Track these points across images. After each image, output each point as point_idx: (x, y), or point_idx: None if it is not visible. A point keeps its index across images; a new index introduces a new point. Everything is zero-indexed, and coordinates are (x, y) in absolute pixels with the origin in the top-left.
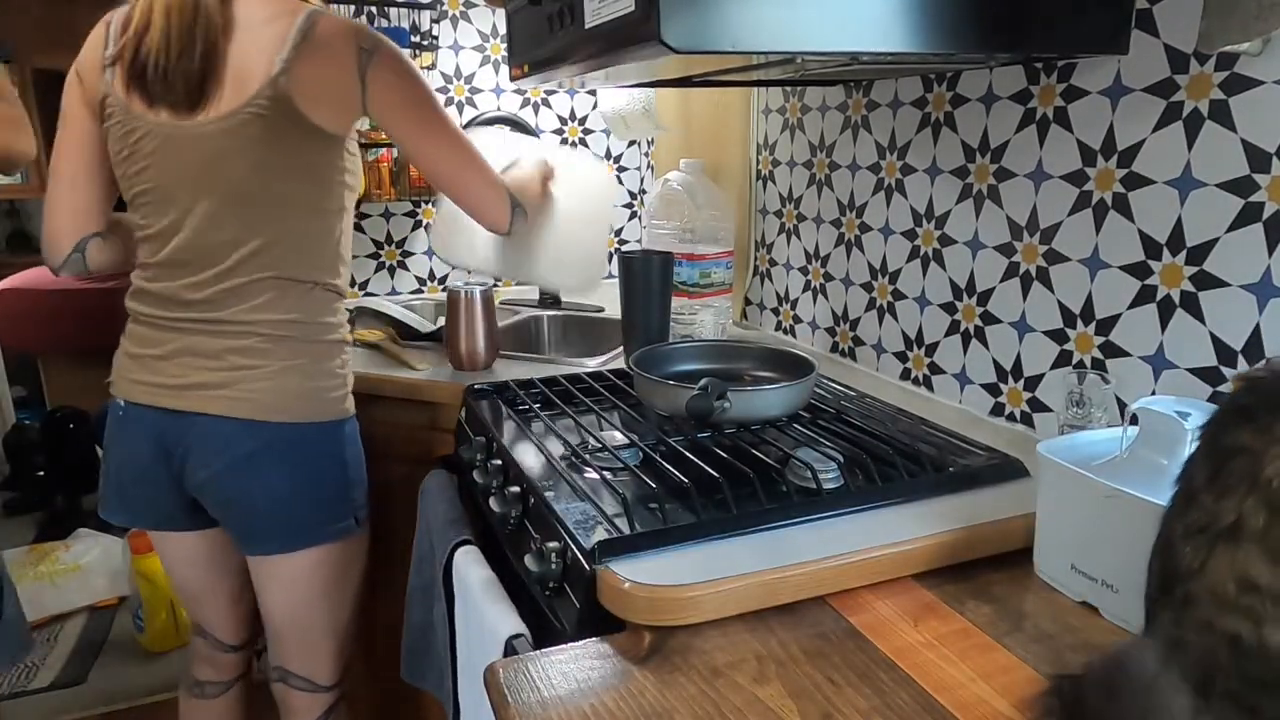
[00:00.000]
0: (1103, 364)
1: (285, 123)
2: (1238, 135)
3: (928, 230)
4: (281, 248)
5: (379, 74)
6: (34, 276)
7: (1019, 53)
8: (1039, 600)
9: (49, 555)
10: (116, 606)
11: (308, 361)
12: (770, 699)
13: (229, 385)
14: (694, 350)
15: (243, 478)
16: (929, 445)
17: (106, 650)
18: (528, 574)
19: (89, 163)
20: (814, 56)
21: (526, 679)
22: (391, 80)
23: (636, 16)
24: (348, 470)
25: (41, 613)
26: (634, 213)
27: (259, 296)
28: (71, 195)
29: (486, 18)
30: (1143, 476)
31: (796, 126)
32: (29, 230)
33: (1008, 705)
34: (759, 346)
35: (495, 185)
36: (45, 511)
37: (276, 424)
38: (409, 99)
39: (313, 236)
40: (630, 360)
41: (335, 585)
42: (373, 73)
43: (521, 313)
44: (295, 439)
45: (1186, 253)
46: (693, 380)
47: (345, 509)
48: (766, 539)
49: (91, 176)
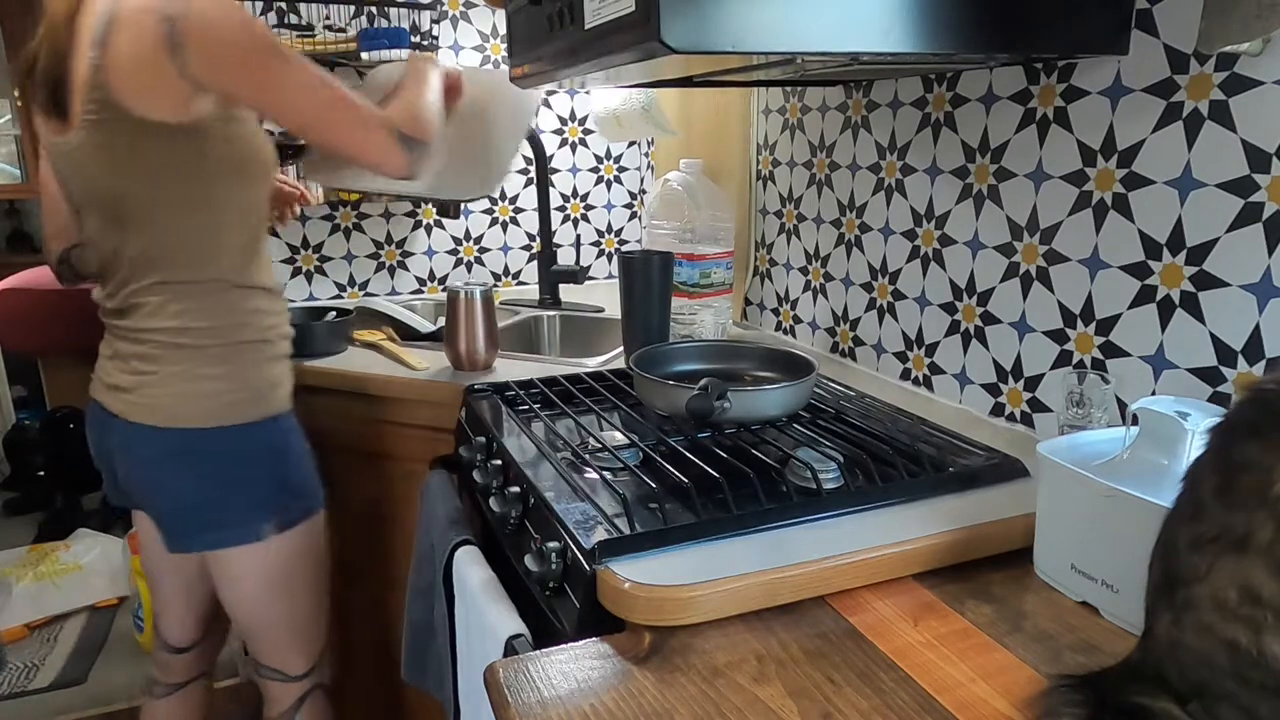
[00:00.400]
0: (1103, 364)
1: (116, 123)
2: (1238, 135)
3: (928, 230)
4: (163, 252)
5: (191, 38)
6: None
7: (1019, 53)
8: (1039, 600)
9: (49, 555)
10: (116, 606)
11: (212, 366)
12: (770, 699)
13: (133, 390)
14: (694, 350)
15: (146, 481)
16: (929, 445)
17: (106, 650)
18: (528, 574)
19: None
20: (814, 57)
21: (526, 679)
22: (208, 38)
23: (636, 17)
24: (266, 471)
25: (41, 613)
26: (634, 213)
27: (151, 302)
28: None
29: (486, 18)
30: (1143, 476)
31: (796, 127)
32: (29, 230)
33: (1008, 705)
34: (759, 346)
35: (370, 123)
36: (45, 511)
37: (176, 430)
38: (236, 52)
39: (197, 235)
40: (630, 360)
41: (283, 580)
42: (183, 39)
43: (521, 313)
44: (195, 445)
45: (1186, 253)
46: (693, 380)
47: (264, 510)
48: (766, 539)
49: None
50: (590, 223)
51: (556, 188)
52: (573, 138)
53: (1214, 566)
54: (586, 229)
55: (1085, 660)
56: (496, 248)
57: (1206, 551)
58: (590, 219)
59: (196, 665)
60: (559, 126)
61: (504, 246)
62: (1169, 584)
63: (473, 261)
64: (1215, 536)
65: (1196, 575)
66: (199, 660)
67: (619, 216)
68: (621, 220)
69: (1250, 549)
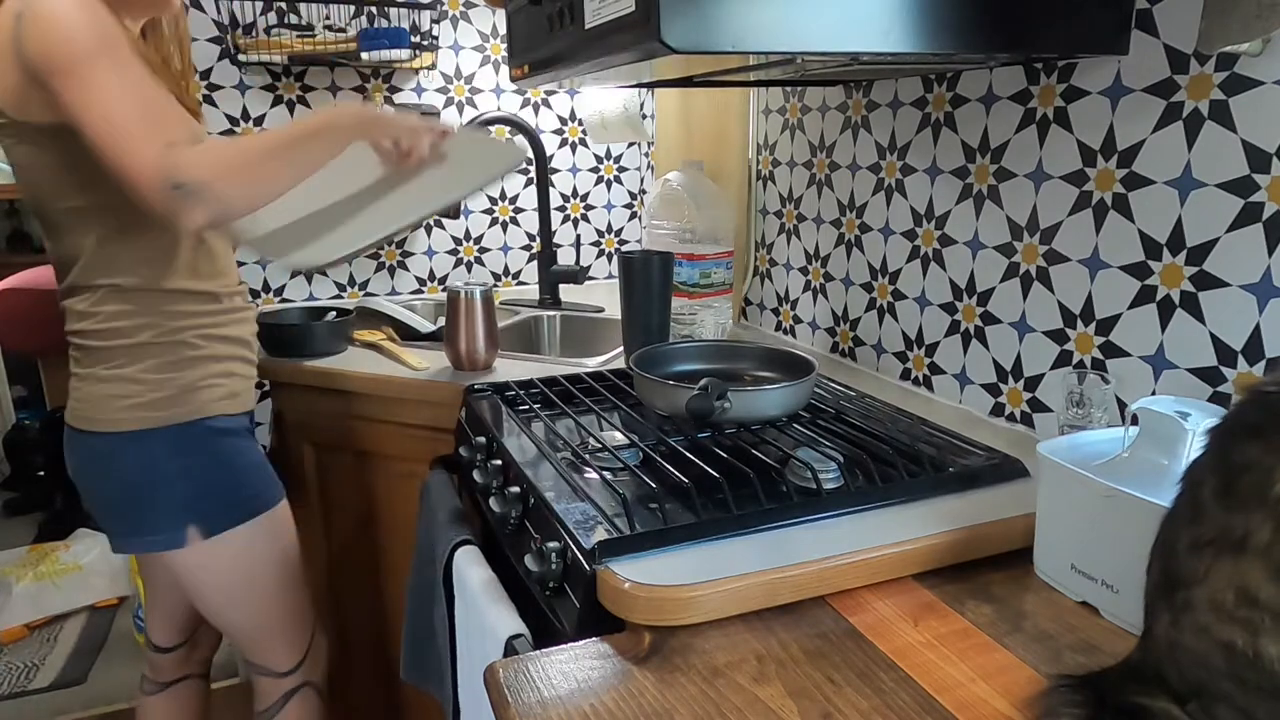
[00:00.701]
0: (1103, 364)
1: (9, 128)
2: (1238, 135)
3: (928, 230)
4: (81, 255)
5: (25, 37)
6: (34, 276)
7: (1019, 53)
8: (1039, 600)
9: (49, 555)
10: (116, 606)
11: (127, 369)
12: (770, 699)
13: (72, 394)
14: (694, 350)
15: (78, 483)
16: (929, 445)
17: (106, 650)
18: (528, 574)
19: None
20: (814, 56)
21: (526, 679)
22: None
23: (636, 17)
24: (175, 480)
25: (41, 613)
26: (634, 213)
27: (80, 307)
28: None
29: (486, 18)
30: (1143, 476)
31: (796, 127)
32: (29, 230)
33: (1008, 705)
34: (759, 346)
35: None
36: (45, 511)
37: (94, 434)
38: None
39: (107, 241)
40: (630, 360)
41: (242, 581)
42: (22, 36)
43: (521, 313)
44: (109, 449)
45: (1186, 253)
46: (692, 380)
47: (186, 515)
48: (766, 539)
49: None
50: (590, 223)
51: (556, 188)
52: (573, 138)
53: (1212, 568)
54: (586, 229)
55: (1085, 660)
56: (496, 248)
57: (1205, 553)
58: (590, 219)
59: (184, 665)
60: (559, 126)
61: (504, 246)
62: (1168, 585)
63: (473, 261)
64: (1214, 539)
65: (1195, 577)
66: (186, 661)
67: (619, 216)
68: (621, 220)
69: (1248, 550)
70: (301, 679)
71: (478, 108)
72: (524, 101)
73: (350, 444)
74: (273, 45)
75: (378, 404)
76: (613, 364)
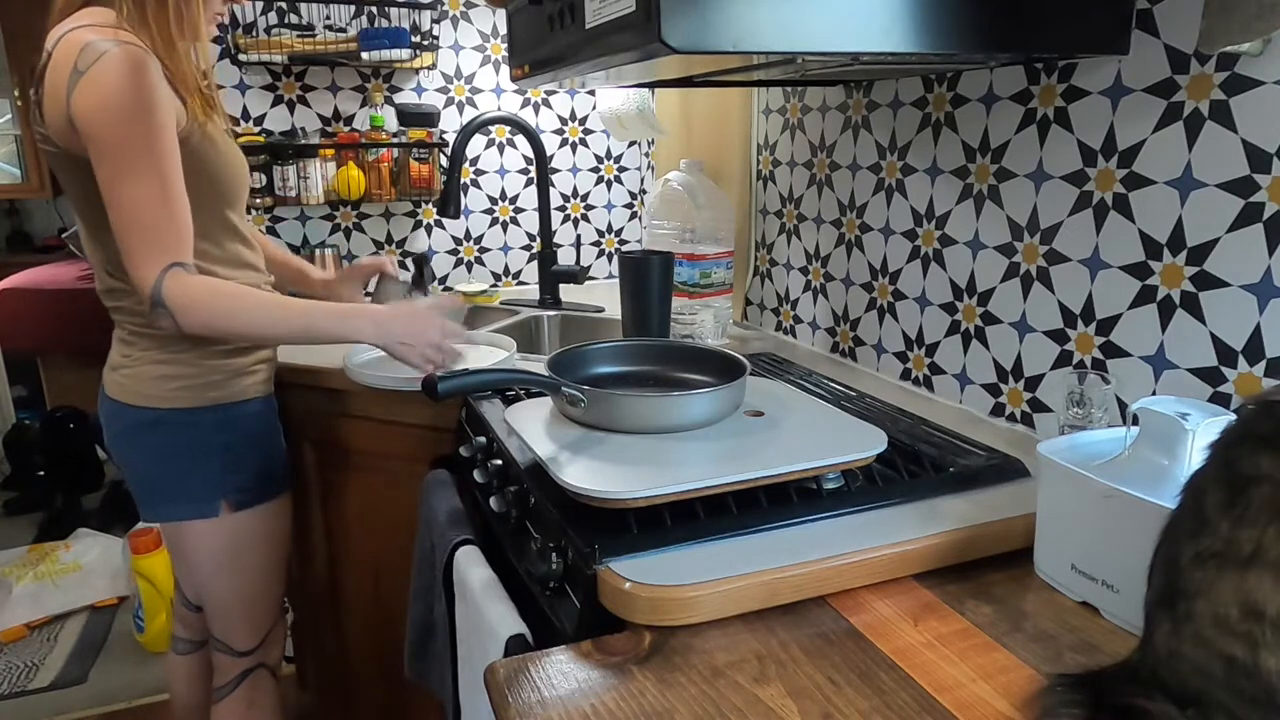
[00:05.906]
0: (1103, 364)
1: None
2: (1238, 135)
3: (928, 230)
4: None
5: (79, 98)
6: (34, 276)
7: (1019, 53)
8: (1039, 600)
9: (49, 555)
10: (116, 606)
11: (174, 353)
12: (770, 699)
13: (118, 369)
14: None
15: (117, 452)
16: (929, 445)
17: (106, 650)
18: (528, 574)
19: None
20: (814, 56)
21: (526, 679)
22: (88, 105)
23: (637, 16)
24: (215, 454)
25: (41, 612)
26: (634, 213)
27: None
28: None
29: (487, 18)
30: (1143, 477)
31: (797, 127)
32: (29, 230)
33: (1008, 705)
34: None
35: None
36: (45, 511)
37: (137, 408)
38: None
39: None
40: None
41: (234, 558)
42: (75, 95)
43: (522, 313)
44: (152, 423)
45: (1187, 253)
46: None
47: (218, 489)
48: (766, 539)
49: None
50: (590, 223)
51: (557, 188)
52: (573, 138)
53: (1216, 582)
54: (587, 229)
55: (1085, 660)
56: (497, 248)
57: (1209, 566)
58: (590, 219)
59: None
60: (559, 126)
61: (504, 246)
62: (1169, 596)
63: (473, 261)
64: (1218, 551)
65: (1198, 590)
66: None
67: (619, 216)
68: (621, 220)
69: (1258, 563)
70: (258, 660)
71: (478, 108)
72: (524, 101)
73: (350, 444)
74: (273, 45)
75: (378, 403)
76: None
